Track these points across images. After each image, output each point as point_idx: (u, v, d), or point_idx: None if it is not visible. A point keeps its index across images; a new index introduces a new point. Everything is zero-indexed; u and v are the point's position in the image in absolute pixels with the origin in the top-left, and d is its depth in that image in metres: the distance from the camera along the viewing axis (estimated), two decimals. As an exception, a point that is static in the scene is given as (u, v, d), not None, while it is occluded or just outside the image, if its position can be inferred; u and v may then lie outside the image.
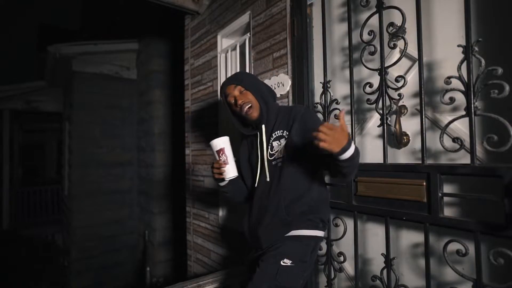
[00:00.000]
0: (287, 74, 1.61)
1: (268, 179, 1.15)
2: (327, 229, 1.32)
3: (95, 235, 4.03)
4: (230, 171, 1.16)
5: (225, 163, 1.15)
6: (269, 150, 1.15)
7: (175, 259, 3.90)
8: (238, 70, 2.16)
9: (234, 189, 1.29)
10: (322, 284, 1.46)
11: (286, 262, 1.04)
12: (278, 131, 1.15)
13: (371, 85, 1.22)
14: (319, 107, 1.46)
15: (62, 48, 3.93)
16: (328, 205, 1.23)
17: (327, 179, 1.34)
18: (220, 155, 1.16)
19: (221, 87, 1.23)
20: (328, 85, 1.41)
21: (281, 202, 1.09)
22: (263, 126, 1.18)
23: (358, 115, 1.37)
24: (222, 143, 1.16)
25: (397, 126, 1.18)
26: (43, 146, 8.84)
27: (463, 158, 1.03)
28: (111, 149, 4.23)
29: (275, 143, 1.14)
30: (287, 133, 1.12)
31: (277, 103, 1.26)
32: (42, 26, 9.06)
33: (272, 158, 1.14)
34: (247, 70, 1.95)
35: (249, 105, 1.15)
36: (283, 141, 1.12)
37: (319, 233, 1.15)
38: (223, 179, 1.19)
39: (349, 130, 1.30)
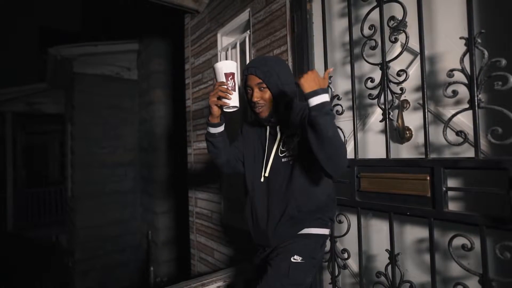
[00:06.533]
0: (288, 71, 1.60)
1: (275, 176, 1.13)
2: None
3: (98, 236, 4.05)
4: (235, 99, 1.01)
5: (233, 89, 1.01)
6: (280, 147, 1.13)
7: (179, 258, 3.91)
8: (238, 68, 2.15)
9: (224, 145, 1.19)
10: (327, 282, 1.45)
11: (297, 258, 1.05)
12: (292, 128, 1.11)
13: (372, 80, 1.21)
14: (321, 103, 1.45)
15: (62, 50, 3.94)
16: (336, 203, 1.23)
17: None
18: (229, 79, 1.00)
19: (245, 69, 1.11)
20: (329, 81, 1.40)
21: (292, 202, 1.08)
22: (278, 125, 1.14)
23: (360, 110, 1.36)
24: (234, 67, 1.00)
25: (400, 121, 1.17)
26: (46, 148, 8.88)
27: (467, 152, 1.02)
28: (113, 149, 4.24)
29: (287, 140, 1.12)
30: (300, 131, 1.09)
31: (296, 99, 1.18)
32: (43, 28, 9.09)
33: (283, 155, 1.11)
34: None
35: (262, 106, 1.09)
36: (296, 139, 1.09)
37: (327, 231, 1.16)
38: (217, 117, 1.09)
39: (351, 125, 1.30)
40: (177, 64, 3.74)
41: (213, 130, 1.15)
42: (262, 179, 1.16)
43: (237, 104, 1.03)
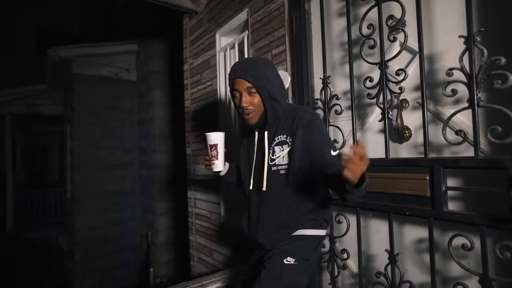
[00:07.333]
0: (287, 71, 1.60)
1: (266, 185, 1.11)
2: (329, 226, 1.30)
3: (98, 237, 4.04)
4: (218, 165, 1.24)
5: (215, 157, 1.22)
6: (270, 155, 1.10)
7: (178, 259, 3.90)
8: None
9: (234, 179, 1.34)
10: (326, 282, 1.45)
11: (290, 260, 1.04)
12: (281, 136, 1.09)
13: (371, 80, 1.21)
14: (319, 103, 1.45)
15: (61, 51, 3.94)
16: (332, 204, 1.22)
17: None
18: (212, 149, 1.22)
19: (231, 72, 1.07)
20: (328, 81, 1.39)
21: (284, 210, 1.07)
22: (266, 131, 1.13)
23: (359, 110, 1.36)
24: (216, 139, 1.21)
25: (399, 120, 1.16)
26: (45, 149, 8.88)
27: (467, 151, 1.01)
28: (112, 150, 4.23)
29: (277, 148, 1.09)
30: (291, 140, 1.06)
31: (285, 103, 1.15)
32: (41, 29, 9.08)
33: (273, 163, 1.09)
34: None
35: (252, 112, 1.07)
36: (286, 147, 1.07)
37: (323, 232, 1.15)
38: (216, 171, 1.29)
39: (350, 125, 1.30)
40: (176, 65, 3.74)
41: (219, 175, 1.30)
42: (253, 188, 1.17)
43: (221, 168, 1.25)
